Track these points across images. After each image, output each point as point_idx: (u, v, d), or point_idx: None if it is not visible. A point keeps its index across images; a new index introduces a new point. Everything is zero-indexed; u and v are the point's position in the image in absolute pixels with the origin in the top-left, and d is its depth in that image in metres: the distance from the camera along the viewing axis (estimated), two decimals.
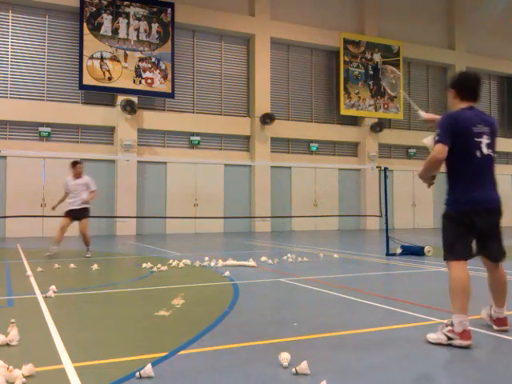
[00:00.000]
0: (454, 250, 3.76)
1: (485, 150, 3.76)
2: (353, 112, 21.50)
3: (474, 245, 3.87)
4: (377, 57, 21.98)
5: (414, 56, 22.96)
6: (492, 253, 3.85)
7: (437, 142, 3.74)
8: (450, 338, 3.54)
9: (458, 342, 3.51)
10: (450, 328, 3.57)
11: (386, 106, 22.05)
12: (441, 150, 3.69)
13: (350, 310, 4.85)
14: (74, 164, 10.04)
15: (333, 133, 21.29)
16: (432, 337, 3.64)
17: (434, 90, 24.03)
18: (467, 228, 3.75)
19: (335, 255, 9.71)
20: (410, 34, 22.84)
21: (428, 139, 3.98)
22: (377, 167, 10.67)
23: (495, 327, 3.93)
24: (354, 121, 21.90)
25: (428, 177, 3.92)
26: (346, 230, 20.26)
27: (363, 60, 21.73)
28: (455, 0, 23.99)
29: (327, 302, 5.26)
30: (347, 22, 21.69)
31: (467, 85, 3.90)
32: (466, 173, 3.77)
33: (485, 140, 3.77)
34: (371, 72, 21.87)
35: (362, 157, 21.73)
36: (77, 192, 9.85)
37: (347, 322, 4.26)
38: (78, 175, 9.96)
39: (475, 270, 7.48)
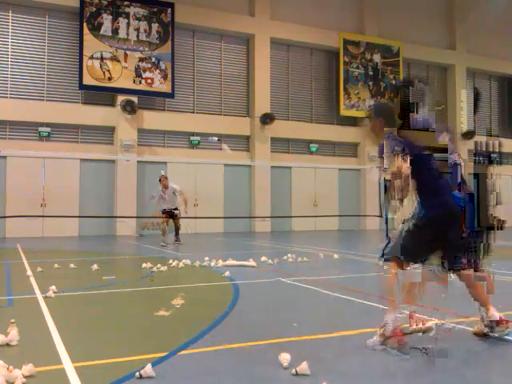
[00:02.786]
0: None
1: None
2: (352, 112, 21.49)
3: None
4: (377, 57, 21.97)
5: (414, 56, 22.93)
6: None
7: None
8: None
9: None
10: None
11: None
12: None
13: (350, 310, 4.84)
14: (160, 179, 12.46)
15: (332, 133, 21.28)
16: None
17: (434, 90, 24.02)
18: None
19: (335, 255, 9.71)
20: (410, 35, 22.81)
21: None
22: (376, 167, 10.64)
23: (505, 327, 3.72)
24: (353, 121, 21.87)
25: None
26: (345, 230, 20.26)
27: (363, 60, 21.72)
28: (455, 0, 23.99)
29: (327, 302, 5.26)
30: (347, 22, 21.68)
31: (391, 114, 4.19)
32: None
33: None
34: (371, 73, 21.85)
35: (361, 157, 21.72)
36: (170, 198, 12.29)
37: (347, 322, 4.26)
38: (166, 186, 12.30)
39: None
